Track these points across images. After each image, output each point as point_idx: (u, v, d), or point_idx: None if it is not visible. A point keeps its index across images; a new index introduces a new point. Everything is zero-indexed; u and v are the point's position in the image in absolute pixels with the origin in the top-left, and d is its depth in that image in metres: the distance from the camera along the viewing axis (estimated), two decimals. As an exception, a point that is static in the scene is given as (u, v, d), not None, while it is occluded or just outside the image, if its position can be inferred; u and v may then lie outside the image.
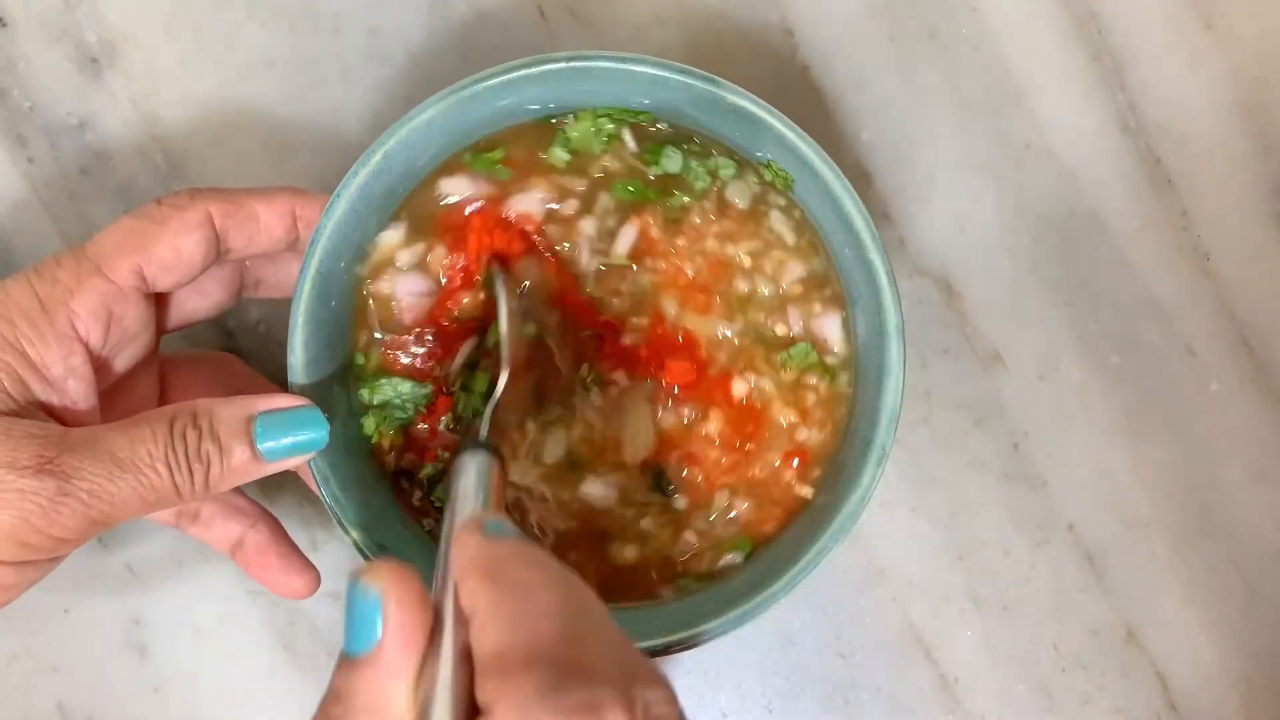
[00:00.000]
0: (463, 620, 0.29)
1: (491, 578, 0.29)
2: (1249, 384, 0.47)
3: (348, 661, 0.29)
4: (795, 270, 0.42)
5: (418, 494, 0.42)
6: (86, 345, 0.37)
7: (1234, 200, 0.47)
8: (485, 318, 0.42)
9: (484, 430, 0.38)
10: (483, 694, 0.27)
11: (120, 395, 0.40)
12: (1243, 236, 0.47)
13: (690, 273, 0.42)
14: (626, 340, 0.42)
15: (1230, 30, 0.47)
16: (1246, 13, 0.47)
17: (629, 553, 0.42)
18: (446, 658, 0.29)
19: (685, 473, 0.42)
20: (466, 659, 0.29)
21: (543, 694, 0.26)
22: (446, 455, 0.42)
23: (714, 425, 0.42)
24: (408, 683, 0.29)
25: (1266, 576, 0.47)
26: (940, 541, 0.47)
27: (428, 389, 0.42)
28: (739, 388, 0.42)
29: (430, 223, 0.42)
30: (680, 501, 0.42)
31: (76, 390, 0.37)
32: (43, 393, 0.36)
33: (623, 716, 0.26)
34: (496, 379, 0.39)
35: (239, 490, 0.41)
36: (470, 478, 0.35)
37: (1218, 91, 0.47)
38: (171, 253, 0.37)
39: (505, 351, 0.39)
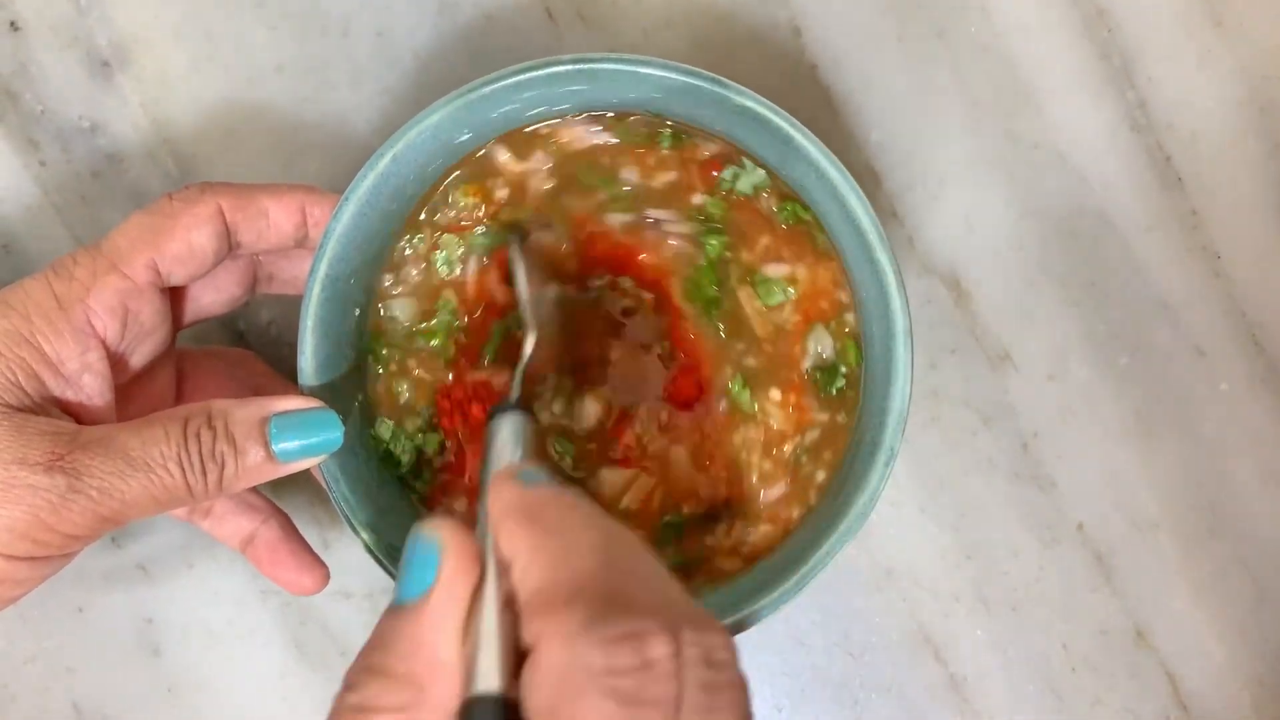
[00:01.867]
0: (505, 569, 0.29)
1: (530, 520, 0.29)
2: (1259, 384, 0.47)
3: (395, 609, 0.30)
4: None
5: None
6: (103, 341, 0.37)
7: (1244, 199, 0.47)
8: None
9: (515, 391, 0.38)
10: (528, 633, 0.28)
11: (138, 390, 0.40)
12: (1253, 235, 0.47)
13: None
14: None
15: (1240, 28, 0.47)
16: (1257, 10, 0.47)
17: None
18: (490, 604, 0.29)
19: None
20: (510, 606, 0.29)
21: (586, 626, 0.26)
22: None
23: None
24: (454, 631, 0.29)
25: (1276, 576, 0.47)
26: (949, 542, 0.47)
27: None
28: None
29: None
30: None
31: (92, 386, 0.37)
32: (58, 389, 0.36)
33: (667, 648, 0.26)
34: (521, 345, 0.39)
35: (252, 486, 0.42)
36: (504, 434, 0.35)
37: (1228, 89, 0.47)
38: (184, 247, 0.38)
39: (527, 315, 0.39)
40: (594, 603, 0.27)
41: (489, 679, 0.28)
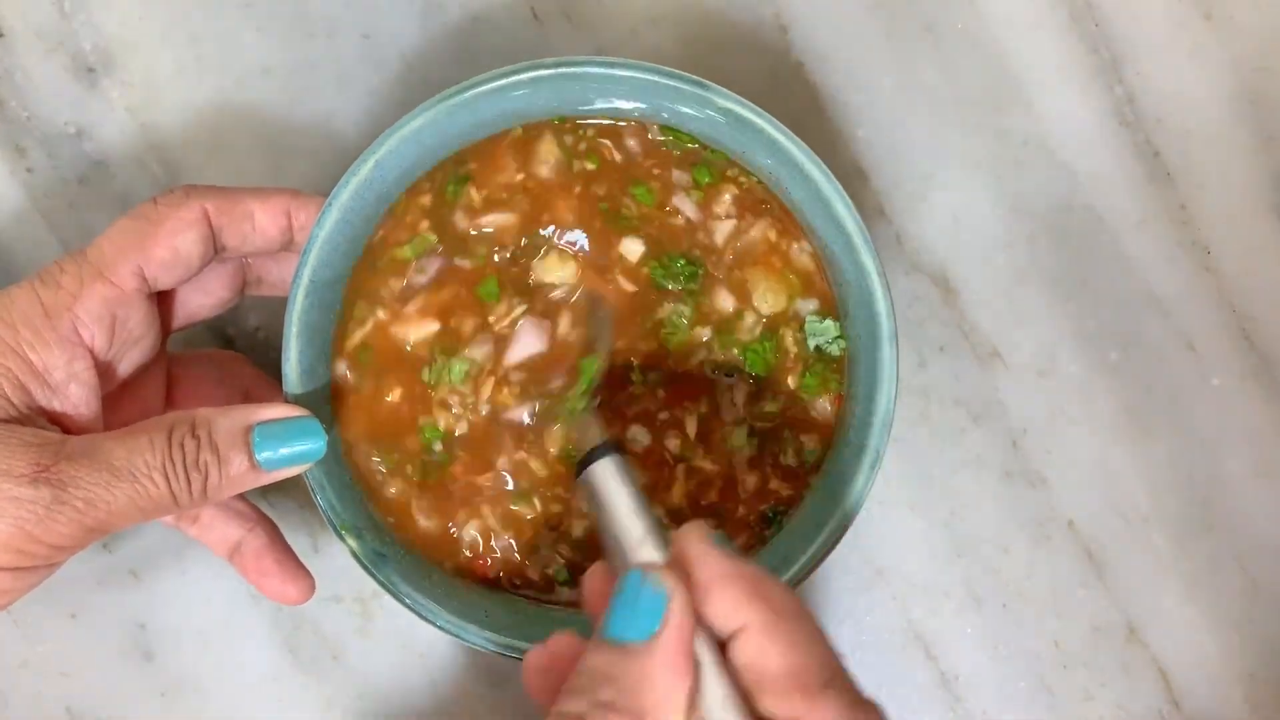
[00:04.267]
0: (708, 628, 0.32)
1: (757, 595, 0.31)
2: (1250, 379, 0.47)
3: (618, 648, 0.31)
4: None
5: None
6: (91, 350, 0.37)
7: (1234, 193, 0.47)
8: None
9: (596, 431, 0.37)
10: (782, 709, 0.31)
11: (128, 397, 0.40)
12: (1243, 230, 0.47)
13: None
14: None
15: (1230, 21, 0.47)
16: (1246, 3, 0.47)
17: None
18: (712, 665, 0.31)
19: None
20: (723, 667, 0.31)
21: (846, 716, 0.30)
22: None
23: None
24: (685, 674, 0.31)
25: (1268, 571, 0.47)
26: (939, 539, 0.47)
27: None
28: None
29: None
30: None
31: (79, 395, 0.37)
32: (44, 398, 0.37)
33: None
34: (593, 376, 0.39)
35: (239, 494, 0.42)
36: (615, 479, 0.35)
37: (1217, 83, 0.47)
38: (169, 251, 0.38)
39: (604, 349, 0.40)
40: (845, 693, 0.31)
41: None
